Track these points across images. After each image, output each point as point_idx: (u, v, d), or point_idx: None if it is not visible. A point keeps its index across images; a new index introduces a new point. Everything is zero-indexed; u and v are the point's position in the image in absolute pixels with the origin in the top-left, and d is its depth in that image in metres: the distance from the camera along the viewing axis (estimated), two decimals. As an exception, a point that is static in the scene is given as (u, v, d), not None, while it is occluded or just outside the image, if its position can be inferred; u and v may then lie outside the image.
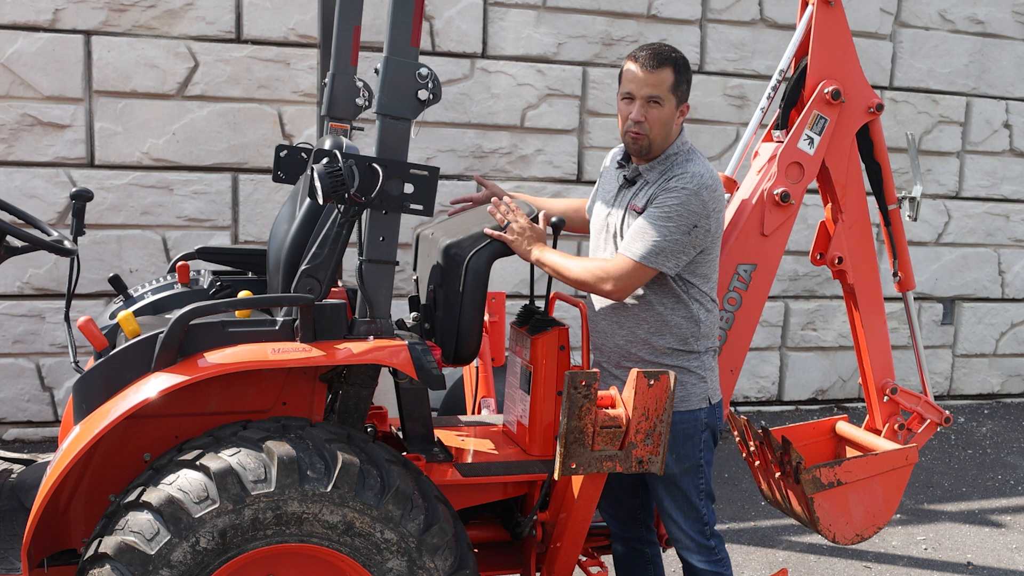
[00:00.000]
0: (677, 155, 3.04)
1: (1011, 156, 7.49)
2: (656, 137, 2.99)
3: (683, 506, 3.13)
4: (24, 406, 5.67)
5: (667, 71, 2.95)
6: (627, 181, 3.10)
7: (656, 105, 2.96)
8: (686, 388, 3.08)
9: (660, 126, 2.98)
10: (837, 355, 7.26)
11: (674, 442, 3.06)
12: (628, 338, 3.08)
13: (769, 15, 6.73)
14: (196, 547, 2.50)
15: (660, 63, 2.95)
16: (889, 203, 3.87)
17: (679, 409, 3.06)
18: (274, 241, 3.32)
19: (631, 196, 3.06)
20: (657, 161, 3.04)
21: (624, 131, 3.03)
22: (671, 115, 2.99)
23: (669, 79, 2.95)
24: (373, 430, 3.09)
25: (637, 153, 3.04)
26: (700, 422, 3.10)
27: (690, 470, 3.10)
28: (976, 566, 4.80)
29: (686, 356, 3.08)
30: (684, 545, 3.18)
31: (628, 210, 3.04)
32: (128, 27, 5.54)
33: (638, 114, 2.96)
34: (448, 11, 6.09)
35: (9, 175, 5.44)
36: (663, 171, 3.02)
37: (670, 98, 2.97)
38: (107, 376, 2.71)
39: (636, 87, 2.96)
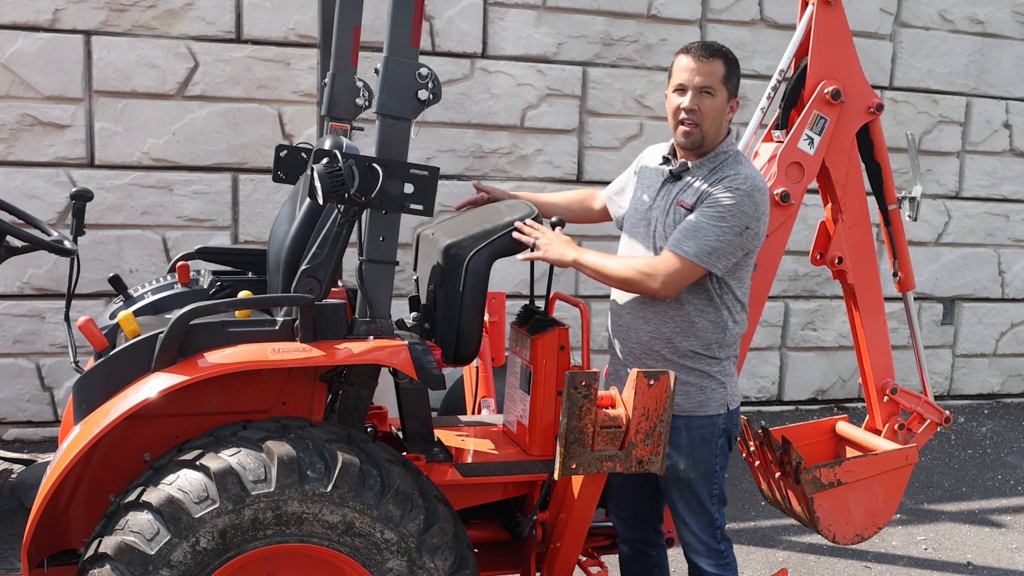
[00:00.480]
0: (727, 155, 3.02)
1: (1011, 156, 7.49)
2: (708, 129, 2.97)
3: (696, 510, 3.13)
4: (24, 406, 5.67)
5: (719, 62, 2.96)
6: (673, 176, 3.06)
7: (708, 95, 2.95)
8: (705, 393, 3.07)
9: (713, 117, 2.96)
10: (837, 355, 7.26)
11: (691, 447, 3.06)
12: (653, 335, 3.06)
13: (769, 15, 6.73)
14: (196, 547, 2.50)
15: (712, 54, 2.96)
16: (889, 203, 3.87)
17: (697, 414, 3.06)
18: (274, 241, 3.32)
19: (677, 191, 3.03)
20: (707, 159, 3.02)
21: (675, 123, 2.99)
22: (723, 107, 2.97)
23: (721, 70, 2.96)
24: (373, 430, 3.09)
25: (689, 146, 3.00)
26: (718, 427, 3.10)
27: (705, 475, 3.10)
28: (976, 566, 4.80)
29: (707, 361, 3.06)
30: (694, 548, 3.18)
31: (674, 205, 3.00)
32: (128, 27, 5.54)
33: (691, 103, 2.94)
34: (448, 11, 6.09)
35: (9, 175, 5.44)
36: (713, 169, 3.00)
37: (722, 89, 2.96)
38: (107, 376, 2.71)
39: (688, 77, 2.95)
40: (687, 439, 3.06)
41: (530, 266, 3.37)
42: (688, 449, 3.06)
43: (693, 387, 3.06)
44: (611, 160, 6.52)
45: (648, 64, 6.52)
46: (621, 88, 6.48)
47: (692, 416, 3.06)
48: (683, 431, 3.06)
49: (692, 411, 3.06)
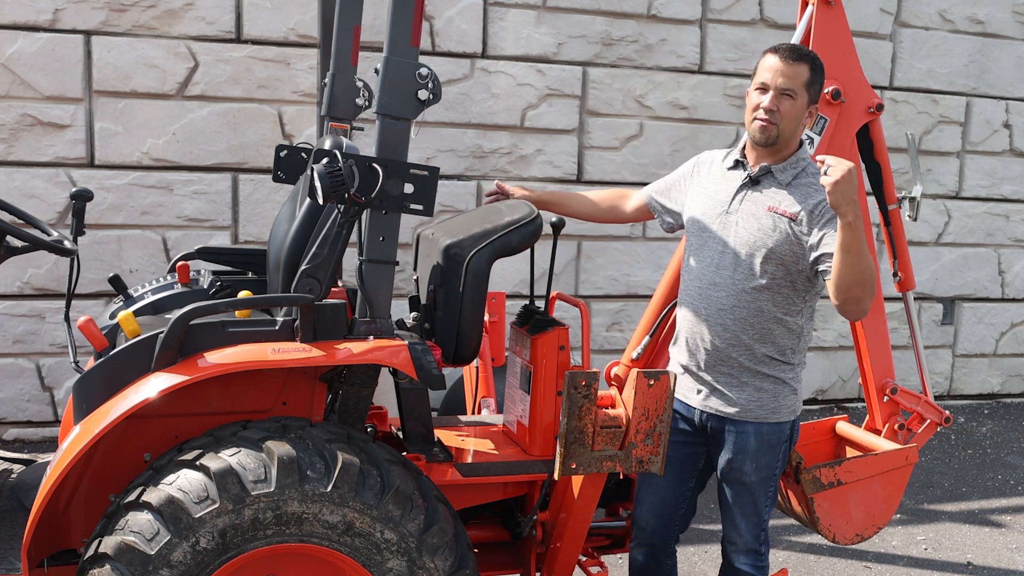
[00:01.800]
0: (806, 160, 3.02)
1: (1011, 156, 7.49)
2: (785, 129, 2.95)
3: (748, 512, 3.14)
4: (24, 406, 5.67)
5: (804, 66, 2.95)
6: (751, 180, 3.03)
7: (789, 98, 2.94)
8: (778, 400, 3.06)
9: (791, 119, 2.95)
10: (837, 355, 7.26)
11: (758, 452, 3.06)
12: (731, 342, 3.03)
13: (769, 15, 6.73)
14: (196, 547, 2.50)
15: (799, 57, 2.94)
16: (889, 203, 3.87)
17: (769, 420, 3.06)
18: (274, 241, 3.32)
19: (764, 197, 3.00)
20: (789, 162, 3.00)
21: (751, 119, 2.98)
22: (802, 111, 2.96)
23: (805, 74, 2.94)
24: (373, 430, 3.09)
25: (763, 142, 2.98)
26: (784, 434, 3.11)
27: (766, 479, 3.11)
28: (976, 566, 4.80)
29: (782, 367, 3.06)
30: (736, 547, 3.19)
31: (766, 211, 2.96)
32: (128, 27, 5.54)
33: (771, 103, 2.94)
34: (448, 11, 6.09)
35: (9, 175, 5.44)
36: (796, 174, 2.99)
37: (803, 94, 2.95)
38: (107, 376, 2.71)
39: (772, 76, 2.94)
40: (755, 444, 3.06)
41: (530, 266, 3.38)
42: (754, 454, 3.06)
43: (767, 394, 3.05)
44: (611, 160, 6.52)
45: (648, 64, 6.52)
46: (621, 88, 6.48)
47: (763, 423, 3.05)
48: (752, 436, 3.05)
49: (764, 418, 3.05)
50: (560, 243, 6.46)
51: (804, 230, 2.92)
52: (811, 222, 2.91)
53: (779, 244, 2.94)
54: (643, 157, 6.57)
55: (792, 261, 2.95)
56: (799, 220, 2.92)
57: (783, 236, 2.94)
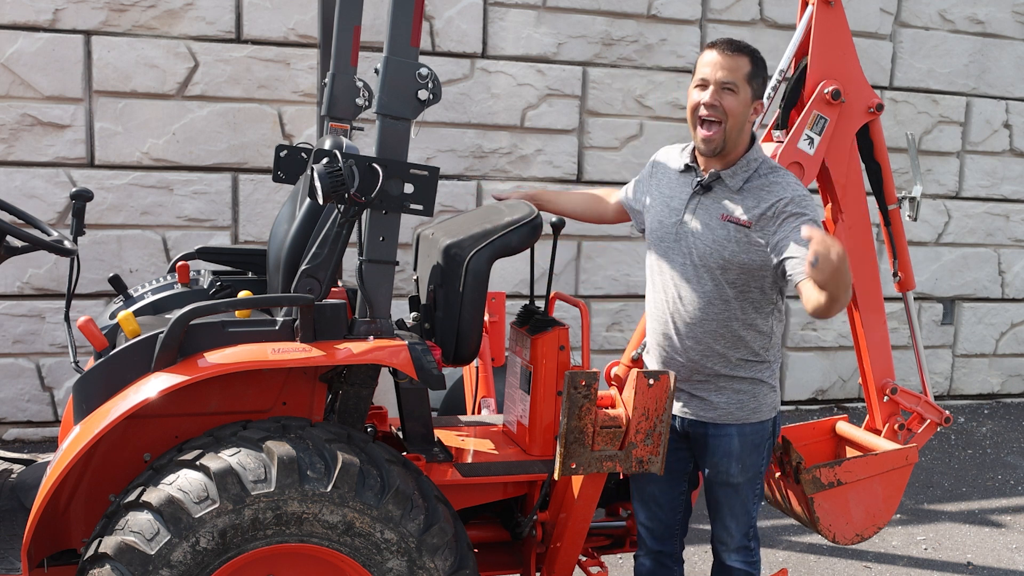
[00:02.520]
0: (758, 161, 2.94)
1: (1011, 156, 7.49)
2: (731, 128, 2.86)
3: (738, 512, 3.14)
4: (24, 406, 5.67)
5: (744, 59, 2.86)
6: (703, 187, 2.95)
7: (730, 92, 2.84)
8: (758, 399, 3.05)
9: (735, 114, 2.85)
10: (837, 355, 7.26)
11: (742, 452, 3.05)
12: (704, 353, 3.01)
13: (769, 15, 6.73)
14: (196, 547, 2.50)
15: (737, 49, 2.86)
16: (889, 203, 3.87)
17: (751, 421, 3.05)
18: (274, 241, 3.32)
19: (716, 205, 2.93)
20: (738, 167, 2.92)
21: (695, 122, 2.89)
22: (745, 106, 2.87)
23: (746, 66, 2.86)
24: (373, 430, 3.09)
25: (709, 154, 2.90)
26: (767, 431, 3.11)
27: (752, 478, 3.11)
28: (976, 566, 4.80)
29: (759, 367, 3.04)
30: (727, 546, 3.19)
31: (719, 220, 2.90)
32: (128, 27, 5.54)
33: (712, 98, 2.84)
34: (448, 11, 6.09)
35: (9, 175, 5.44)
36: (749, 178, 2.91)
37: (745, 87, 2.85)
38: (107, 376, 2.71)
39: (711, 71, 2.85)
40: (739, 445, 3.05)
41: (530, 266, 3.37)
42: (739, 455, 3.05)
43: (746, 395, 3.04)
44: (611, 160, 6.52)
45: (648, 64, 6.52)
46: (621, 88, 6.48)
47: (744, 424, 3.05)
48: (735, 438, 3.04)
49: (745, 419, 3.05)
50: (560, 243, 6.44)
51: (760, 236, 2.87)
52: (766, 226, 2.86)
53: (737, 254, 2.89)
54: (643, 157, 6.57)
55: (754, 267, 2.91)
56: (754, 227, 2.87)
57: (740, 246, 2.89)
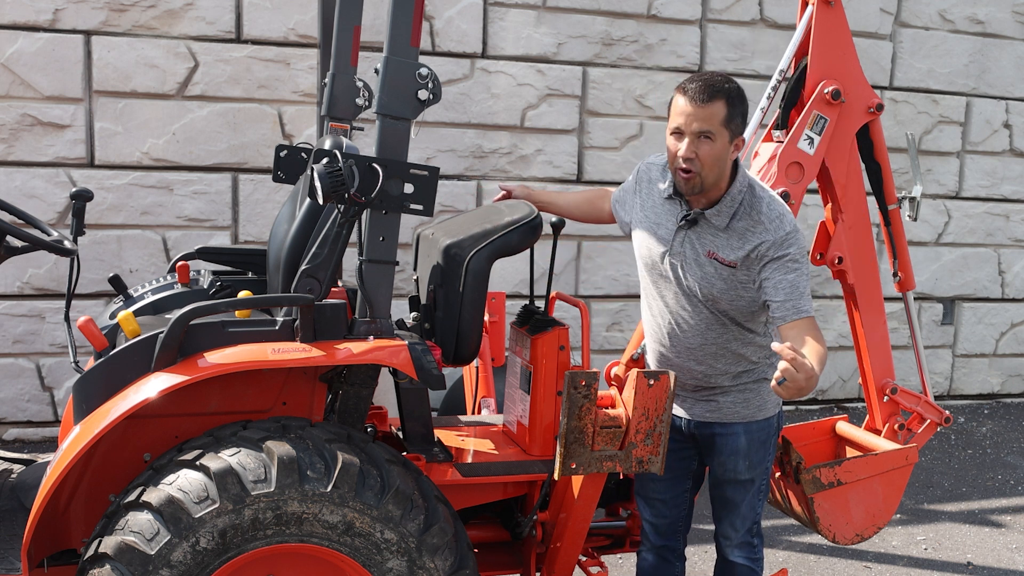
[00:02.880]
0: (742, 195, 2.88)
1: (1011, 156, 7.49)
2: (708, 175, 2.80)
3: (743, 508, 3.16)
4: (24, 406, 5.67)
5: (719, 103, 2.74)
6: (687, 222, 2.92)
7: (708, 140, 2.76)
8: (762, 396, 3.07)
9: (712, 163, 2.78)
10: (837, 355, 7.26)
11: (749, 450, 3.07)
12: (707, 372, 3.04)
13: (769, 15, 6.73)
14: (196, 547, 2.50)
15: (711, 96, 2.74)
16: (889, 203, 3.87)
17: (757, 418, 3.07)
18: (274, 241, 3.32)
19: (701, 243, 2.91)
20: (723, 204, 2.87)
21: (674, 169, 2.85)
22: (724, 150, 2.79)
23: (721, 112, 2.75)
24: (373, 430, 3.09)
25: (689, 192, 2.86)
26: (773, 428, 3.13)
27: (760, 475, 3.13)
28: (976, 566, 4.80)
29: (761, 368, 3.07)
30: (730, 540, 3.21)
31: (707, 258, 2.89)
32: (128, 27, 5.54)
33: (688, 151, 2.76)
34: (448, 11, 6.09)
35: (9, 175, 5.44)
36: (732, 215, 2.87)
37: (722, 132, 2.76)
38: (107, 376, 2.71)
39: (685, 122, 2.76)
40: (746, 443, 3.07)
41: (530, 266, 3.38)
42: (746, 453, 3.08)
43: (751, 393, 3.06)
44: (611, 160, 6.52)
45: (648, 64, 6.52)
46: (621, 88, 6.48)
47: (751, 421, 3.07)
48: (742, 436, 3.07)
49: (751, 417, 3.07)
50: (560, 243, 6.43)
51: (744, 275, 2.88)
52: (751, 267, 2.86)
53: (725, 291, 2.91)
54: (643, 157, 6.55)
55: (743, 298, 2.93)
56: (739, 267, 2.87)
57: (727, 283, 2.90)
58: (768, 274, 2.84)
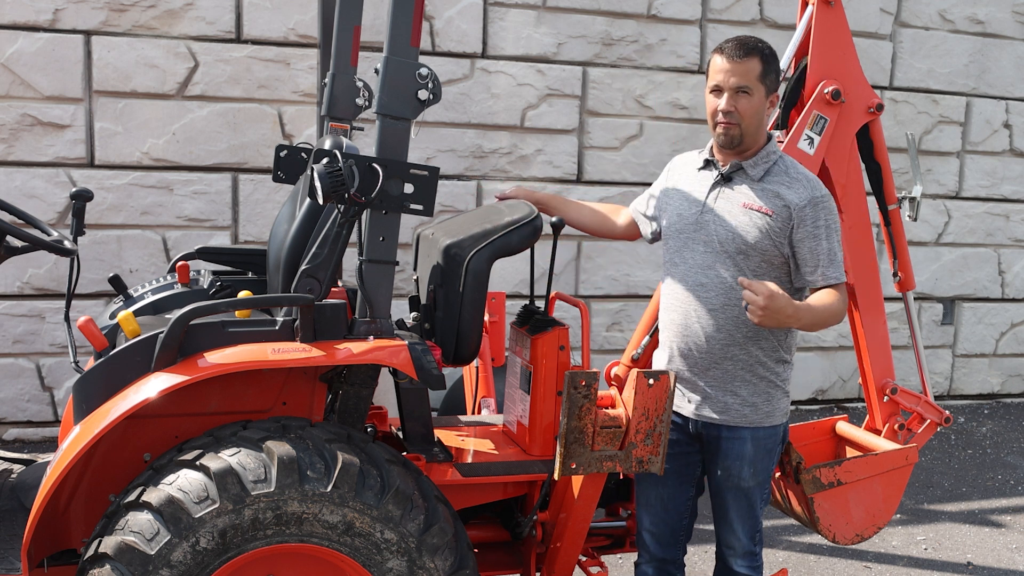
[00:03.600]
0: (776, 154, 3.00)
1: (1011, 156, 7.49)
2: (748, 127, 2.93)
3: (745, 515, 3.13)
4: (24, 406, 5.67)
5: (754, 60, 2.90)
6: (724, 178, 3.01)
7: (745, 95, 2.90)
8: (772, 403, 3.05)
9: (751, 115, 2.92)
10: (837, 355, 7.26)
11: (755, 456, 3.05)
12: (725, 342, 2.99)
13: (769, 15, 6.73)
14: (196, 547, 2.50)
15: (747, 52, 2.90)
16: (889, 203, 3.87)
17: (764, 425, 3.05)
18: (274, 241, 3.32)
19: (737, 195, 2.98)
20: (759, 157, 2.98)
21: (714, 124, 2.96)
22: (761, 104, 2.93)
23: (757, 68, 2.90)
24: (373, 430, 3.09)
25: (728, 144, 2.96)
26: (779, 436, 3.12)
27: (762, 483, 3.11)
28: (976, 566, 4.80)
29: (775, 368, 3.04)
30: (733, 550, 3.17)
31: (741, 208, 2.95)
32: (128, 27, 5.54)
33: (728, 104, 2.91)
34: (448, 11, 6.09)
35: (9, 175, 5.44)
36: (768, 168, 2.97)
37: (759, 87, 2.91)
38: (107, 376, 2.71)
39: (724, 78, 2.91)
40: (752, 449, 3.04)
41: (530, 266, 3.37)
42: (751, 459, 3.05)
43: (761, 397, 3.03)
44: (611, 160, 6.52)
45: (648, 64, 6.52)
46: (621, 88, 6.48)
47: (759, 427, 3.04)
48: (748, 442, 3.03)
49: (759, 422, 3.04)
50: (560, 243, 6.41)
51: (779, 227, 2.93)
52: (785, 221, 2.92)
53: (759, 241, 2.93)
54: (643, 157, 6.57)
55: (774, 255, 2.95)
56: (775, 216, 2.92)
57: (761, 233, 2.93)
58: (802, 236, 2.92)
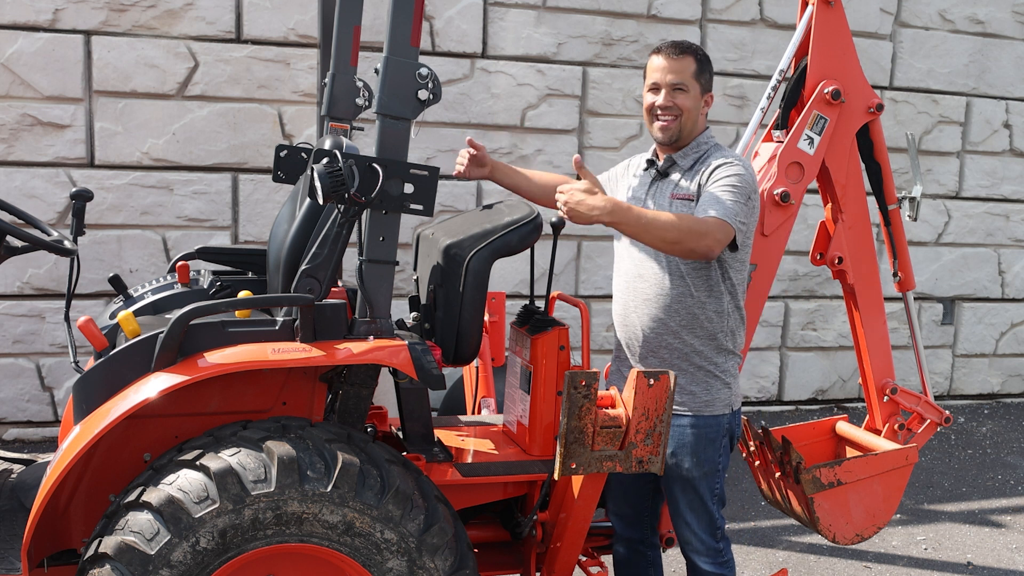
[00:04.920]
0: (708, 144, 3.11)
1: (1011, 156, 7.49)
2: (685, 122, 3.05)
3: (697, 509, 3.15)
4: (24, 406, 5.67)
5: (689, 59, 3.04)
6: (660, 174, 3.14)
7: (681, 92, 3.04)
8: (711, 392, 3.09)
9: (688, 110, 3.04)
10: (837, 355, 7.26)
11: (696, 446, 3.08)
12: (658, 331, 3.08)
13: (769, 15, 6.73)
14: (196, 547, 2.50)
15: (682, 52, 3.05)
16: (889, 203, 3.87)
17: (703, 413, 3.09)
18: (274, 241, 3.32)
19: (671, 187, 3.09)
20: (690, 148, 3.09)
21: (651, 119, 3.09)
22: (696, 101, 3.06)
23: (691, 66, 3.04)
24: (373, 430, 3.09)
25: (666, 141, 3.08)
26: (722, 427, 3.12)
27: (708, 474, 3.12)
28: (976, 566, 4.80)
29: (713, 358, 3.08)
30: (693, 547, 3.20)
31: (671, 200, 3.06)
32: (128, 27, 5.54)
33: (665, 100, 3.04)
34: (448, 11, 6.09)
35: (9, 175, 5.44)
36: (698, 158, 3.08)
37: (694, 84, 3.04)
38: (107, 376, 2.71)
39: (661, 76, 3.05)
40: (692, 438, 3.08)
41: (530, 266, 3.38)
42: (692, 448, 3.08)
43: (700, 387, 3.08)
44: (611, 160, 6.52)
45: (648, 64, 6.52)
46: (621, 88, 6.48)
47: (698, 415, 3.08)
48: (688, 430, 3.08)
49: (698, 411, 3.08)
50: (560, 243, 6.46)
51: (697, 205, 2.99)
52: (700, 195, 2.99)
53: None
54: (643, 157, 6.57)
55: None
56: (695, 198, 3.01)
57: None
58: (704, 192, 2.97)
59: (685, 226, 2.81)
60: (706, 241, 2.82)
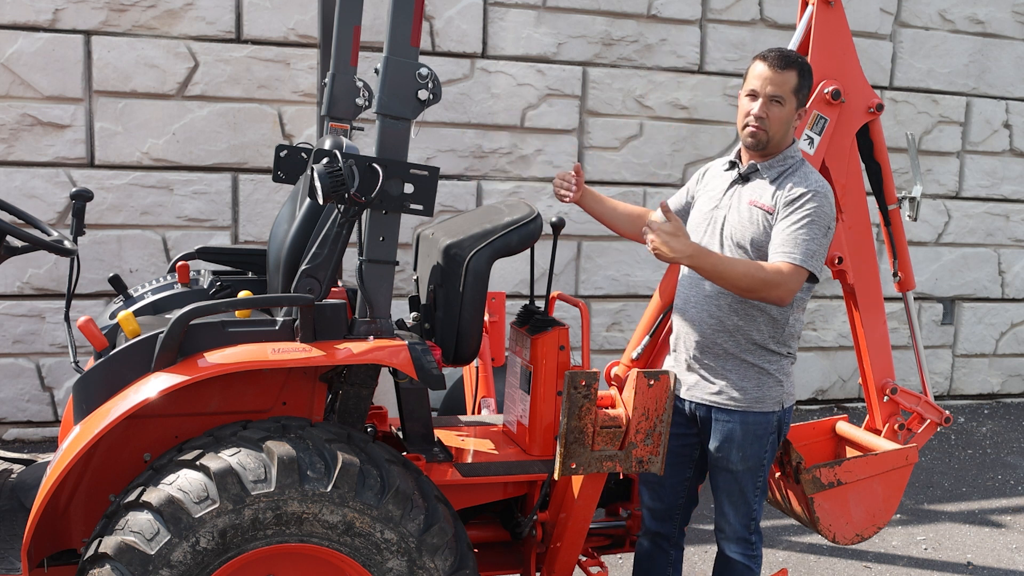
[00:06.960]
0: (795, 159, 3.11)
1: (1011, 156, 7.49)
2: (775, 134, 3.06)
3: (737, 501, 3.17)
4: (24, 406, 5.67)
5: (792, 73, 3.04)
6: (741, 178, 3.14)
7: (778, 104, 3.03)
8: (762, 390, 3.09)
9: (779, 124, 3.05)
10: (837, 355, 7.26)
11: (743, 441, 3.09)
12: (716, 328, 3.09)
13: (769, 15, 6.73)
14: (196, 547, 2.50)
15: (787, 64, 3.04)
16: (889, 203, 3.87)
17: (752, 410, 3.09)
18: (274, 241, 3.32)
19: (748, 192, 3.10)
20: (776, 160, 3.10)
21: (743, 125, 3.09)
22: (791, 116, 3.06)
23: (793, 81, 3.04)
24: (373, 430, 3.09)
25: (753, 147, 3.09)
26: (771, 424, 3.14)
27: (753, 468, 3.14)
28: (976, 566, 4.80)
29: (767, 356, 3.09)
30: (726, 535, 3.23)
31: (747, 205, 3.07)
32: (128, 27, 5.54)
33: (760, 110, 3.04)
34: (448, 11, 6.09)
35: (9, 175, 5.44)
36: (782, 171, 3.08)
37: (791, 99, 3.04)
38: (107, 376, 2.71)
39: (761, 85, 3.04)
40: (740, 433, 3.09)
41: (530, 266, 3.38)
42: (740, 443, 3.10)
43: (751, 382, 3.09)
44: (611, 160, 6.52)
45: (648, 64, 6.52)
46: (621, 88, 6.48)
47: (747, 412, 3.09)
48: (738, 425, 3.09)
49: (748, 407, 3.09)
50: (560, 243, 6.46)
51: (774, 222, 3.01)
52: (777, 214, 3.01)
53: (757, 235, 3.03)
54: (643, 157, 6.57)
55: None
56: (773, 212, 3.02)
57: (760, 228, 3.03)
58: (780, 220, 2.98)
59: (760, 277, 2.87)
60: (778, 292, 2.89)
